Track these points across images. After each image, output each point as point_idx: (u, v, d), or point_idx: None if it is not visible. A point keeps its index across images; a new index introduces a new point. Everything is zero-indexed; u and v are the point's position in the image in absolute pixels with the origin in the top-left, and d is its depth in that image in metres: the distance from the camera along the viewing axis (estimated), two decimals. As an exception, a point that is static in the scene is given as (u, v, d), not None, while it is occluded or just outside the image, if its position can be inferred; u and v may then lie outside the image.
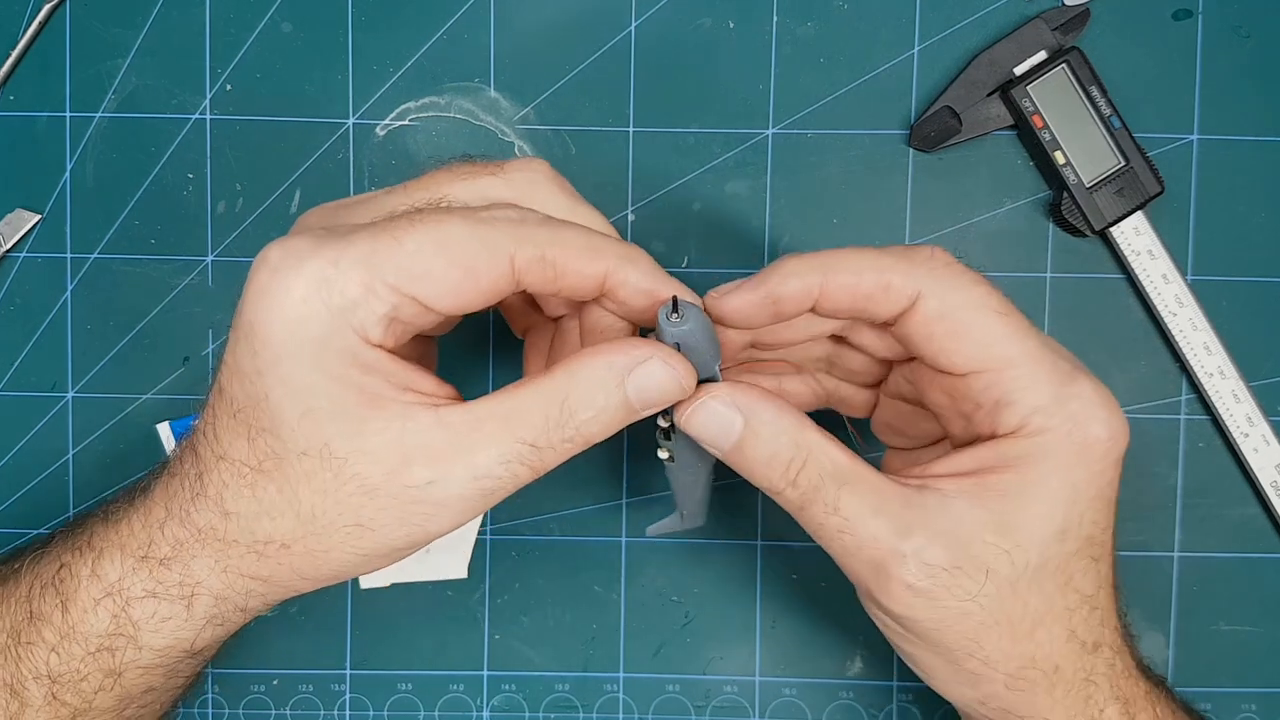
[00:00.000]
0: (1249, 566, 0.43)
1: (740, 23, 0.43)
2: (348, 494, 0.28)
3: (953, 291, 0.30)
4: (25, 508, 0.44)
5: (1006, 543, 0.29)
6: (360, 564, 0.30)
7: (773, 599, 0.44)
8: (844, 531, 0.30)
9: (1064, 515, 0.29)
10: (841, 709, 0.44)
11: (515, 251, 0.28)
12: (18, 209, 0.43)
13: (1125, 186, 0.41)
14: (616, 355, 0.29)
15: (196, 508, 0.30)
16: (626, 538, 0.44)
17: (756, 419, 0.30)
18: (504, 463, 0.28)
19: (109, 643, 0.31)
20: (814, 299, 0.30)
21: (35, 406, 0.44)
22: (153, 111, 0.43)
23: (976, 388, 0.30)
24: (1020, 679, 0.30)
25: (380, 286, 0.27)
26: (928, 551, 0.29)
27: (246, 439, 0.29)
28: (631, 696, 0.44)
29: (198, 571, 0.30)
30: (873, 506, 0.29)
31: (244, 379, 0.28)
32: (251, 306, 0.28)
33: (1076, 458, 0.29)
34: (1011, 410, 0.30)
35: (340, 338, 0.27)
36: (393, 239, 0.27)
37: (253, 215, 0.43)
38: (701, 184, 0.43)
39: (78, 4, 0.43)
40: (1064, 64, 0.41)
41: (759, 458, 0.30)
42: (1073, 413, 0.29)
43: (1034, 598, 0.30)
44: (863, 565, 0.30)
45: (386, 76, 0.43)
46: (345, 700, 0.44)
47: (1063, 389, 0.30)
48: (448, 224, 0.28)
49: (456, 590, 0.44)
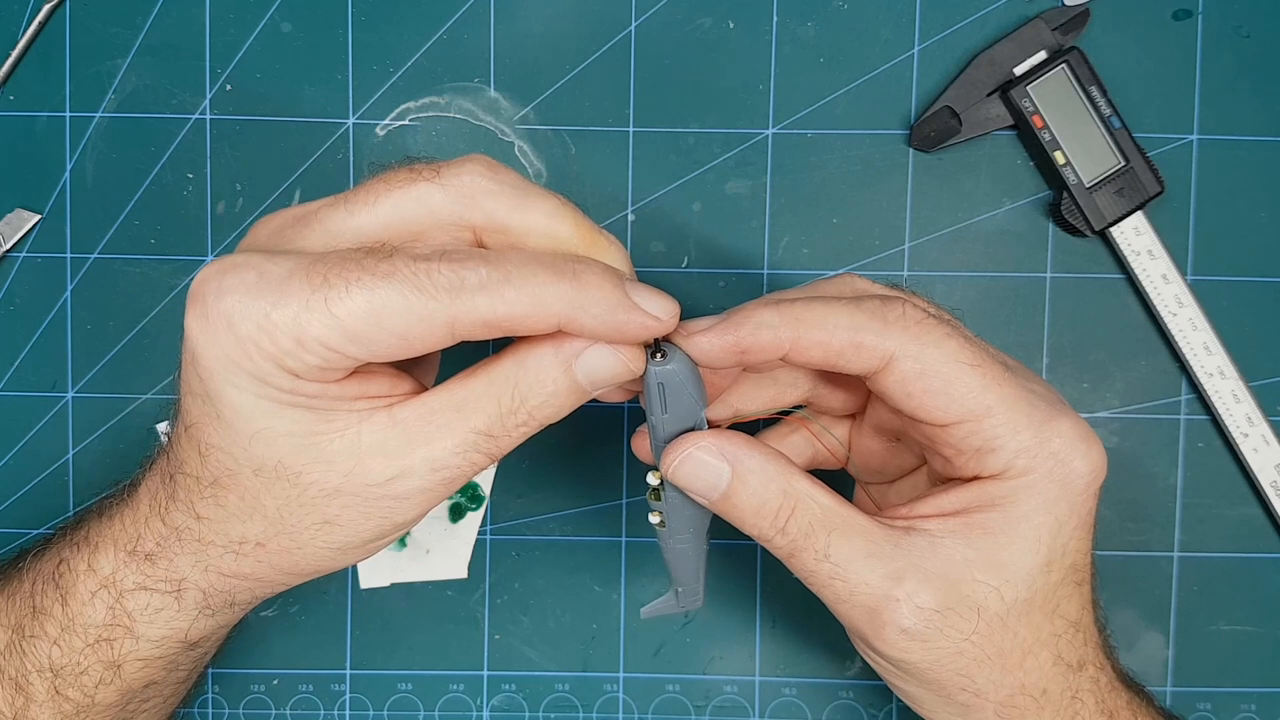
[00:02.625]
0: (1249, 566, 0.43)
1: (740, 23, 0.43)
2: (310, 497, 0.29)
3: (927, 350, 0.30)
4: (25, 508, 0.44)
5: (996, 579, 0.30)
6: (336, 557, 0.30)
7: (773, 599, 0.44)
8: (835, 578, 0.30)
9: (1049, 548, 0.30)
10: (841, 709, 0.44)
11: (453, 320, 0.27)
12: (18, 209, 0.43)
13: (1125, 186, 0.41)
14: (563, 341, 0.29)
15: (171, 510, 0.31)
16: (626, 538, 0.44)
17: (743, 467, 0.30)
18: (460, 452, 0.29)
19: (107, 634, 0.32)
20: (784, 351, 0.30)
21: (35, 406, 0.44)
22: (153, 111, 0.43)
23: (957, 436, 0.30)
24: (1010, 706, 0.31)
25: (311, 343, 0.27)
26: (920, 595, 0.29)
27: (199, 454, 0.29)
28: (631, 696, 0.44)
29: (181, 568, 0.31)
30: (863, 551, 0.30)
31: (195, 398, 0.29)
32: (194, 337, 0.28)
33: (1060, 493, 0.30)
34: (995, 456, 0.30)
35: (279, 376, 0.27)
36: (323, 302, 0.26)
37: (253, 215, 0.43)
38: (701, 184, 0.43)
39: (78, 4, 0.43)
40: (1064, 64, 0.41)
41: (748, 506, 0.30)
42: (1054, 451, 0.30)
43: (1023, 629, 0.30)
44: (855, 610, 0.30)
45: (386, 76, 0.43)
46: (345, 700, 0.44)
47: (1043, 429, 0.30)
48: (382, 293, 0.26)
49: (456, 590, 0.44)
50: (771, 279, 0.43)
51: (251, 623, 0.44)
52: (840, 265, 0.43)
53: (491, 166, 0.30)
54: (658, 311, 0.28)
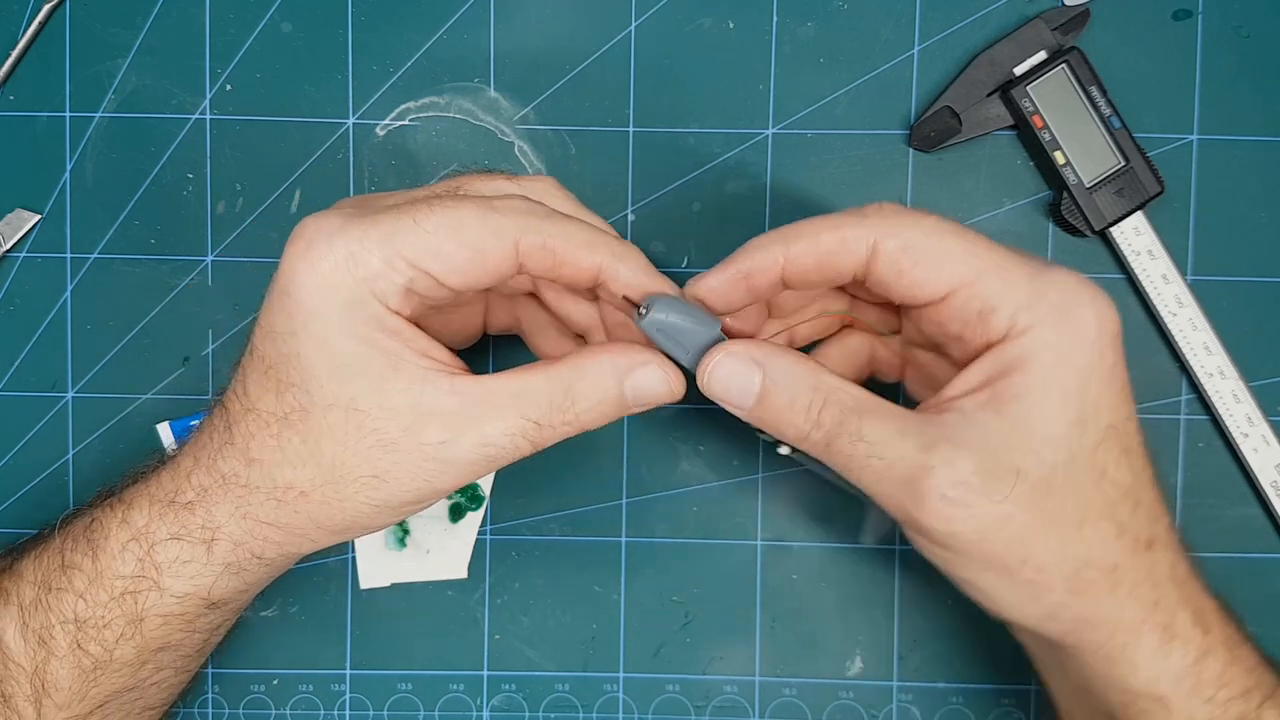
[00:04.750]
0: (1249, 566, 0.43)
1: (740, 23, 0.43)
2: (367, 447, 0.31)
3: (905, 228, 0.31)
4: (25, 508, 0.44)
5: (1031, 442, 0.30)
6: (372, 515, 0.32)
7: (773, 599, 0.44)
8: (871, 456, 0.31)
9: (1077, 404, 0.30)
10: (841, 709, 0.44)
11: (520, 238, 0.31)
12: (18, 209, 0.43)
13: (1125, 186, 0.41)
14: (620, 357, 0.33)
15: (223, 456, 0.32)
16: (626, 538, 0.44)
17: (773, 367, 0.32)
18: (509, 434, 0.32)
19: (133, 585, 0.33)
20: (781, 266, 0.32)
21: (35, 406, 0.44)
22: (153, 111, 0.43)
23: (956, 306, 0.31)
24: (1079, 581, 0.30)
25: (399, 261, 0.30)
26: (956, 461, 0.30)
27: (275, 393, 0.31)
28: (631, 696, 0.44)
29: (218, 516, 0.33)
30: (896, 429, 0.31)
31: (277, 338, 0.31)
32: (287, 273, 0.31)
33: (1072, 343, 0.30)
34: (996, 315, 0.31)
35: (365, 304, 0.30)
36: (412, 220, 0.30)
37: (253, 215, 0.43)
38: (701, 184, 0.43)
39: (78, 4, 0.43)
40: (1064, 64, 0.41)
41: (782, 404, 0.32)
42: (1054, 302, 0.30)
43: (1070, 494, 0.30)
44: (894, 485, 0.31)
45: (386, 76, 0.43)
46: (345, 700, 0.44)
47: (1037, 282, 0.31)
48: (461, 210, 0.31)
49: (456, 590, 0.44)
50: (771, 279, 0.43)
51: (251, 623, 0.44)
52: (840, 265, 0.43)
53: (561, 186, 0.36)
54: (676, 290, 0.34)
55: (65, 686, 0.34)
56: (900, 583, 0.44)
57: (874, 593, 0.44)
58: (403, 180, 0.43)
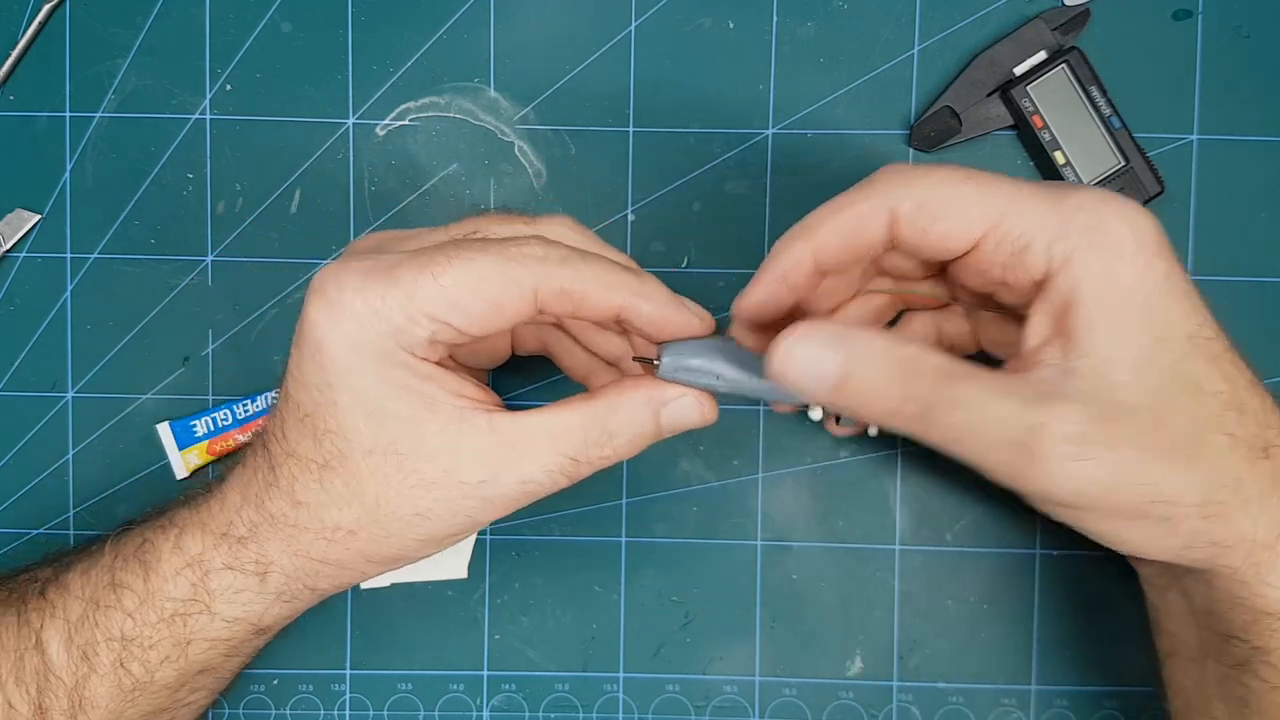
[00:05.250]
0: (1249, 566, 0.43)
1: (740, 23, 0.43)
2: (409, 487, 0.32)
3: (915, 184, 0.31)
4: (25, 508, 0.44)
5: (1122, 374, 0.29)
6: (420, 547, 0.33)
7: (773, 599, 0.44)
8: (975, 422, 0.29)
9: (1147, 321, 0.29)
10: (841, 709, 0.44)
11: (539, 286, 0.31)
12: (18, 209, 0.43)
13: (1125, 186, 0.41)
14: (654, 390, 0.33)
15: (270, 497, 0.33)
16: (626, 538, 0.44)
17: (853, 345, 0.30)
18: (547, 471, 0.32)
19: (184, 608, 0.34)
20: (811, 257, 0.32)
21: (35, 406, 0.44)
22: (153, 111, 0.43)
23: (990, 250, 0.30)
24: (1211, 505, 0.29)
25: (421, 316, 0.31)
26: (1066, 415, 0.28)
27: (313, 439, 0.32)
28: (631, 696, 0.44)
29: (271, 552, 0.33)
30: (994, 390, 0.29)
31: (311, 389, 0.32)
32: (314, 331, 0.31)
33: (1115, 262, 0.29)
34: (1030, 251, 0.29)
35: (395, 355, 0.31)
36: (430, 275, 0.30)
37: (253, 215, 0.43)
38: (701, 184, 0.43)
39: (78, 4, 0.43)
40: (1064, 64, 0.41)
41: (867, 384, 0.30)
42: (1082, 224, 0.29)
43: (1176, 417, 0.29)
44: (1005, 451, 0.29)
45: (386, 76, 0.43)
46: (345, 700, 0.44)
47: (1061, 208, 0.29)
48: (479, 262, 0.31)
49: (456, 590, 0.44)
50: (771, 279, 0.43)
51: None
52: (840, 265, 0.43)
53: (577, 223, 0.36)
54: (700, 313, 0.34)
55: (103, 705, 0.34)
56: (900, 583, 0.44)
57: (874, 593, 0.44)
58: (403, 180, 0.43)
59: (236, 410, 0.43)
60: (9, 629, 0.35)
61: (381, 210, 0.43)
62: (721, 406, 0.34)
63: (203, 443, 0.43)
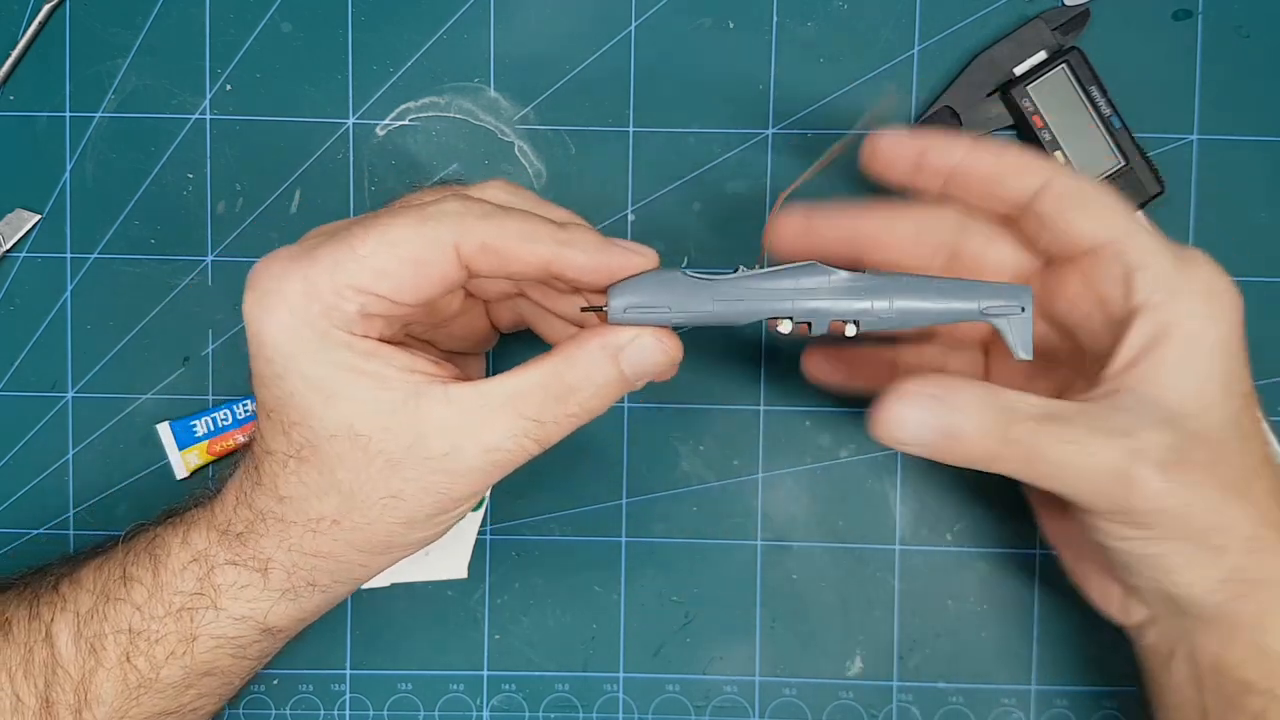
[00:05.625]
0: (1249, 566, 0.43)
1: (740, 23, 0.43)
2: (377, 469, 0.31)
3: (1074, 179, 0.33)
4: (25, 508, 0.44)
5: (1197, 407, 0.31)
6: (404, 531, 0.33)
7: (773, 599, 0.44)
8: (1074, 455, 0.31)
9: (1224, 370, 0.32)
10: (841, 709, 0.44)
11: (459, 242, 0.31)
12: (18, 209, 0.43)
13: (1125, 186, 0.41)
14: (608, 335, 0.32)
15: (257, 495, 0.33)
16: (626, 538, 0.44)
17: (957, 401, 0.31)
18: (511, 437, 0.32)
19: (190, 602, 0.34)
20: (957, 159, 0.33)
21: (35, 406, 0.44)
22: (153, 111, 0.43)
23: (1106, 258, 0.32)
24: (1255, 541, 0.32)
25: (347, 290, 0.30)
26: (1156, 443, 0.31)
27: (283, 433, 0.32)
28: (631, 696, 0.44)
29: (267, 548, 0.34)
30: (1087, 425, 0.31)
31: (268, 384, 0.32)
32: (253, 325, 0.31)
33: (1213, 311, 0.32)
34: (1141, 277, 0.32)
35: (333, 335, 0.31)
36: (349, 248, 0.30)
37: (253, 215, 0.43)
38: (701, 184, 0.43)
39: (78, 4, 0.43)
40: (1064, 64, 0.41)
41: (974, 438, 0.31)
42: (1198, 276, 0.32)
43: (1236, 455, 0.32)
44: (1101, 480, 0.31)
45: (386, 76, 0.43)
46: (345, 700, 0.44)
47: (1180, 256, 0.32)
48: (394, 226, 0.31)
49: (456, 590, 0.44)
50: (771, 279, 0.43)
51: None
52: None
53: (510, 185, 0.35)
54: (637, 249, 0.32)
55: (108, 701, 0.34)
56: (900, 583, 0.44)
57: (874, 593, 0.44)
58: (403, 180, 0.43)
59: (236, 410, 0.43)
60: (20, 622, 0.35)
61: (381, 210, 0.43)
62: (721, 406, 0.34)
63: (203, 443, 0.43)
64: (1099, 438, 0.31)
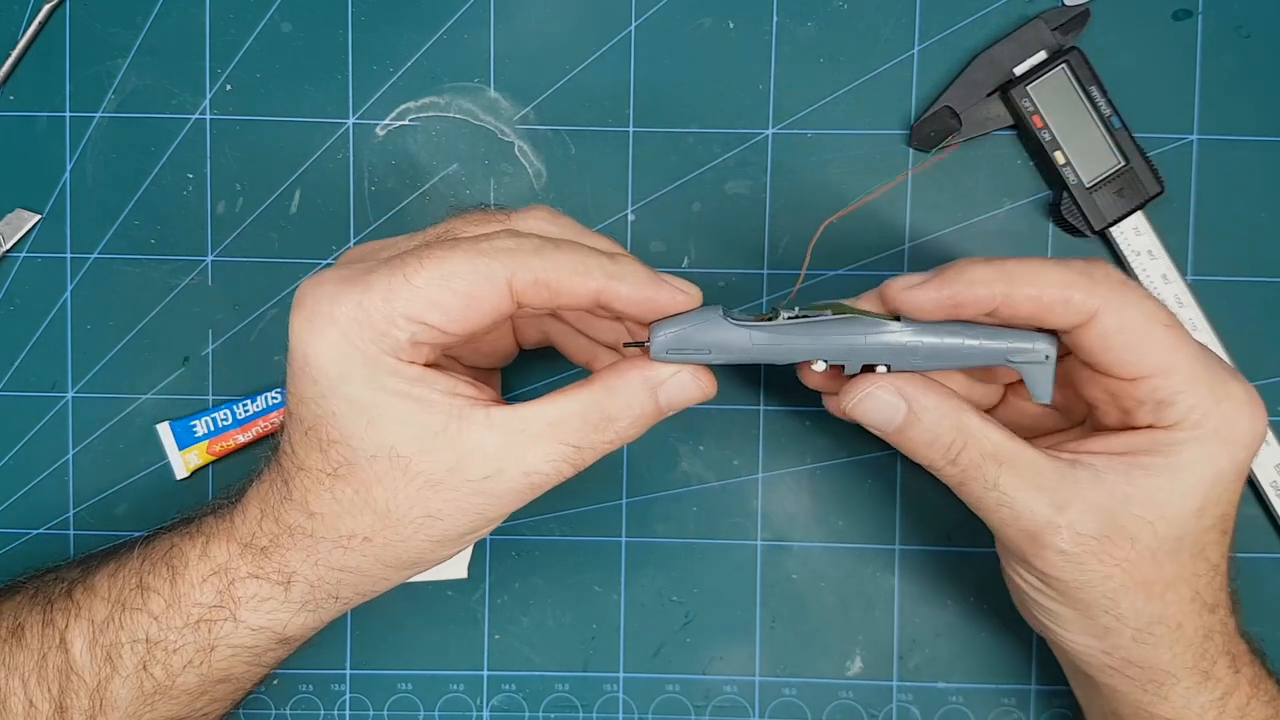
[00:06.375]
0: (1249, 566, 0.43)
1: (740, 23, 0.43)
2: (415, 489, 0.32)
3: (1128, 308, 0.32)
4: (25, 508, 0.44)
5: (1151, 515, 0.32)
6: (434, 549, 0.34)
7: (773, 599, 0.44)
8: (1002, 505, 0.33)
9: (1204, 496, 0.32)
10: (841, 709, 0.44)
11: (512, 278, 0.31)
12: (18, 209, 0.43)
13: (1125, 186, 0.41)
14: (650, 370, 0.33)
15: (285, 510, 0.33)
16: (626, 538, 0.44)
17: (919, 404, 0.33)
18: (550, 461, 0.32)
19: (209, 614, 0.34)
20: (996, 305, 0.32)
21: (35, 406, 0.44)
22: (153, 111, 0.43)
23: (1143, 390, 0.33)
24: (1147, 634, 0.33)
25: (399, 318, 0.31)
26: (1081, 523, 0.32)
27: (320, 450, 0.32)
28: (631, 696, 0.44)
29: (292, 562, 0.34)
30: (1030, 483, 0.32)
31: (309, 403, 0.32)
32: (300, 345, 0.32)
33: (1223, 450, 0.32)
34: (1172, 409, 0.32)
35: (381, 360, 0.31)
36: (404, 277, 0.31)
37: (253, 215, 0.43)
38: (701, 184, 0.43)
39: (78, 4, 0.43)
40: (1064, 64, 0.41)
41: (921, 440, 0.33)
42: (1224, 412, 0.32)
43: (1169, 565, 0.33)
44: (1018, 534, 0.33)
45: (386, 76, 0.43)
46: (345, 700, 0.44)
47: (1218, 390, 0.32)
48: (451, 259, 0.31)
49: (456, 590, 0.44)
50: (771, 279, 0.43)
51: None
52: (840, 265, 0.43)
53: (553, 211, 0.36)
54: (684, 287, 0.33)
55: (122, 707, 0.34)
56: (900, 583, 0.44)
57: (874, 593, 0.44)
58: (403, 180, 0.43)
59: (236, 410, 0.43)
60: (34, 628, 0.35)
61: (381, 210, 0.43)
62: (721, 407, 0.34)
63: (202, 443, 0.43)
64: (1032, 499, 0.32)
